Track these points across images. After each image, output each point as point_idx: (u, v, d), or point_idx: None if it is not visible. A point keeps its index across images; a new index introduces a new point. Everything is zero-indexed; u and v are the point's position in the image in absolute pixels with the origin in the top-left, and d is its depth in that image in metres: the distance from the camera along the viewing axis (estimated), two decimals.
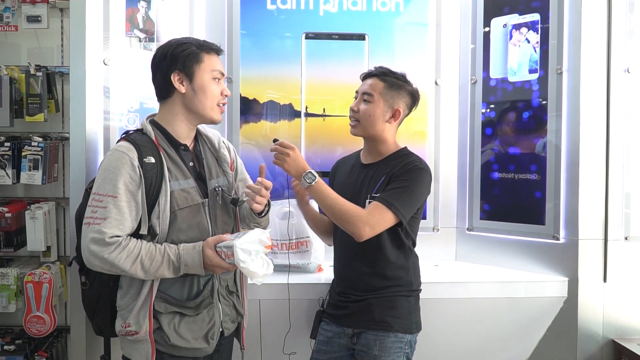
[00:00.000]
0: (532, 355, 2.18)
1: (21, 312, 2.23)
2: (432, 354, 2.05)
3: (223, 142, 1.70)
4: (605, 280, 2.14)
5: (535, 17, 2.23)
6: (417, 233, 1.80)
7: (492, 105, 2.37)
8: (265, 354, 2.06)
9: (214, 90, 1.55)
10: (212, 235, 1.52)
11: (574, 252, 2.12)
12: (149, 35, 2.15)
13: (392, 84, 1.75)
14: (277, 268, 1.76)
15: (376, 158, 1.80)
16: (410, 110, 1.81)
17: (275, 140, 1.67)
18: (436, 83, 2.46)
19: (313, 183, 1.63)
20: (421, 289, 1.82)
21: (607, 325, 2.16)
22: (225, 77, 1.85)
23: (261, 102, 2.41)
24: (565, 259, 2.14)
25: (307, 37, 2.41)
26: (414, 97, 1.79)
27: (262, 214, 1.65)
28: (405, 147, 1.81)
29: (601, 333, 2.16)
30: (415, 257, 1.82)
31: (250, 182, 1.74)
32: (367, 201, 1.71)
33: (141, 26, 2.13)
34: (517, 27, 2.29)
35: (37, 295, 2.17)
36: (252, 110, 2.41)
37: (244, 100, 2.40)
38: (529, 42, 2.25)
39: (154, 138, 1.51)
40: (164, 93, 1.55)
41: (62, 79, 2.40)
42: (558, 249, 2.16)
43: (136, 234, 1.46)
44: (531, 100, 2.25)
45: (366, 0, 2.42)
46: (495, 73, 2.36)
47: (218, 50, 1.58)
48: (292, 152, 1.64)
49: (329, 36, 2.41)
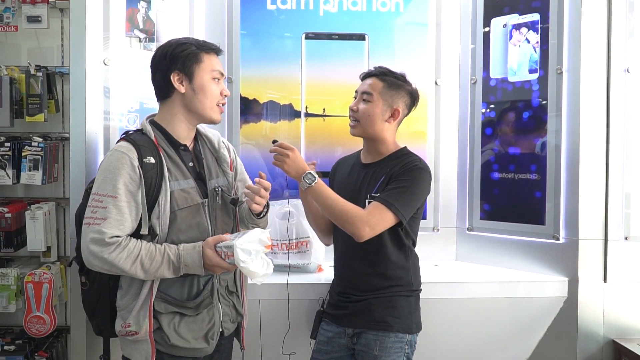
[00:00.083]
0: (532, 355, 2.18)
1: (21, 312, 2.23)
2: (432, 354, 2.05)
3: (223, 142, 1.70)
4: (605, 280, 2.14)
5: (535, 17, 2.23)
6: (417, 233, 1.80)
7: (492, 105, 2.37)
8: (265, 354, 2.06)
9: (213, 90, 1.55)
10: (212, 236, 1.52)
11: (574, 252, 2.12)
12: (149, 35, 2.15)
13: (391, 83, 1.75)
14: (277, 268, 1.76)
15: (376, 158, 1.80)
16: (409, 110, 1.81)
17: (274, 141, 1.67)
18: (436, 83, 2.46)
19: (313, 184, 1.64)
20: (421, 289, 1.82)
21: (607, 325, 2.16)
22: (225, 77, 1.85)
23: (261, 102, 2.41)
24: (565, 259, 2.14)
25: (307, 37, 2.40)
26: (413, 97, 1.79)
27: (261, 215, 1.65)
28: (405, 147, 1.81)
29: (601, 333, 2.16)
30: (416, 257, 1.82)
31: (249, 182, 1.74)
32: (367, 201, 1.71)
33: (141, 26, 2.13)
34: (517, 27, 2.29)
35: (37, 296, 2.17)
36: (252, 110, 2.41)
37: (244, 101, 2.40)
38: (529, 42, 2.25)
39: (153, 138, 1.52)
40: (164, 93, 1.55)
41: (62, 79, 2.40)
42: (558, 249, 2.16)
43: (136, 234, 1.46)
44: (531, 100, 2.25)
45: (366, 0, 2.42)
46: (495, 73, 2.35)
47: (217, 51, 1.59)
48: (291, 153, 1.64)
49: (329, 36, 2.41)
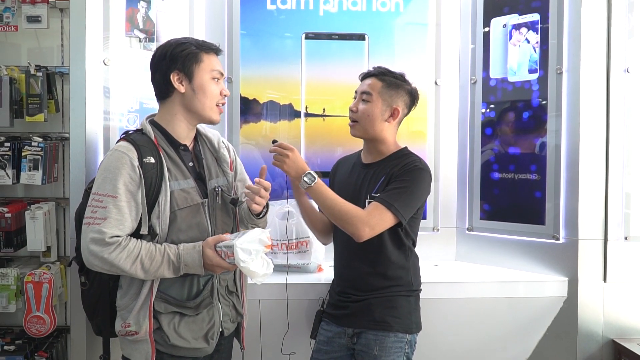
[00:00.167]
0: (532, 355, 2.18)
1: (21, 312, 2.23)
2: (432, 354, 2.05)
3: (222, 142, 1.70)
4: (605, 280, 2.14)
5: (535, 17, 2.23)
6: (417, 233, 1.80)
7: (492, 105, 2.37)
8: (265, 353, 2.06)
9: (213, 90, 1.55)
10: (212, 235, 1.52)
11: (574, 252, 2.12)
12: (149, 35, 2.15)
13: (390, 83, 1.75)
14: (277, 268, 1.76)
15: (376, 158, 1.80)
16: (409, 110, 1.81)
17: (274, 142, 1.67)
18: (436, 83, 2.46)
19: (312, 184, 1.63)
20: (421, 289, 1.82)
21: (607, 325, 2.16)
22: (225, 77, 1.85)
23: (261, 102, 2.41)
24: (565, 259, 2.14)
25: (307, 37, 2.41)
26: (412, 97, 1.79)
27: (261, 215, 1.65)
28: (406, 147, 1.81)
29: (601, 333, 2.16)
30: (416, 257, 1.82)
31: (249, 182, 1.74)
32: (367, 201, 1.71)
33: (141, 26, 2.13)
34: (517, 27, 2.29)
35: (37, 296, 2.17)
36: (252, 110, 2.41)
37: (244, 101, 2.40)
38: (528, 42, 2.25)
39: (153, 138, 1.52)
40: (164, 93, 1.55)
41: (62, 79, 2.40)
42: (558, 249, 2.16)
43: (136, 234, 1.46)
44: (531, 100, 2.25)
45: (366, 1, 2.42)
46: (495, 73, 2.36)
47: (217, 50, 1.59)
48: (291, 153, 1.64)
49: (329, 36, 2.41)
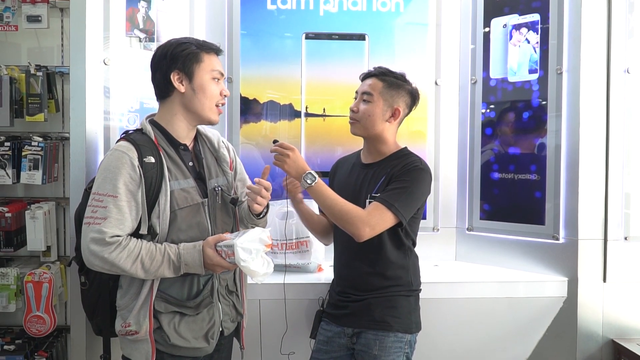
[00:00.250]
0: (531, 355, 2.18)
1: (21, 311, 2.23)
2: (432, 354, 2.05)
3: (222, 142, 1.70)
4: (604, 280, 2.14)
5: (535, 17, 2.23)
6: (417, 233, 1.80)
7: (492, 106, 2.37)
8: (265, 353, 2.06)
9: (213, 90, 1.55)
10: (212, 235, 1.51)
11: (574, 252, 2.12)
12: (149, 35, 2.15)
13: (391, 83, 1.75)
14: (278, 268, 1.76)
15: (376, 158, 1.80)
16: (410, 110, 1.81)
17: (275, 142, 1.67)
18: (436, 83, 2.46)
19: (313, 184, 1.64)
20: (421, 289, 1.82)
21: (606, 325, 2.16)
22: (225, 77, 1.85)
23: (261, 102, 2.41)
24: (565, 259, 2.14)
25: (307, 37, 2.41)
26: (413, 97, 1.79)
27: (261, 216, 1.65)
28: (406, 147, 1.81)
29: (601, 333, 2.16)
30: (415, 257, 1.82)
31: (249, 182, 1.74)
32: (367, 201, 1.71)
33: (141, 26, 2.13)
34: (517, 27, 2.29)
35: (37, 295, 2.17)
36: (252, 110, 2.41)
37: (244, 100, 2.40)
38: (529, 42, 2.25)
39: (153, 138, 1.52)
40: (164, 92, 1.55)
41: (62, 79, 2.40)
42: (558, 249, 2.16)
43: (136, 234, 1.46)
44: (531, 101, 2.25)
45: (366, 1, 2.42)
46: (495, 73, 2.36)
47: (218, 51, 1.59)
48: (292, 153, 1.65)
49: (329, 36, 2.41)
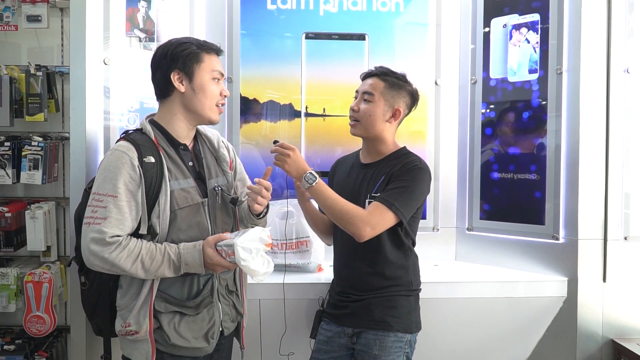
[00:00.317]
0: (531, 355, 2.18)
1: (21, 311, 2.23)
2: (432, 353, 2.05)
3: (222, 142, 1.70)
4: (604, 280, 2.14)
5: (535, 17, 2.23)
6: (417, 233, 1.80)
7: (492, 105, 2.37)
8: (265, 353, 2.06)
9: (213, 90, 1.55)
10: (212, 235, 1.51)
11: (574, 252, 2.12)
12: (149, 35, 2.15)
13: (392, 83, 1.75)
14: (278, 268, 1.76)
15: (376, 158, 1.80)
16: (410, 110, 1.82)
17: (275, 142, 1.67)
18: (436, 83, 2.46)
19: (314, 184, 1.64)
20: (421, 289, 1.82)
21: (606, 325, 2.16)
22: (225, 77, 1.85)
23: (261, 102, 2.41)
24: (565, 259, 2.14)
25: (307, 37, 2.41)
26: (413, 97, 1.80)
27: (261, 216, 1.65)
28: (405, 147, 1.82)
29: (600, 333, 2.16)
30: (415, 257, 1.82)
31: (249, 182, 1.74)
32: (367, 201, 1.71)
33: (141, 26, 2.13)
34: (517, 27, 2.29)
35: (37, 295, 2.17)
36: (252, 110, 2.41)
37: (244, 100, 2.40)
38: (528, 42, 2.25)
39: (153, 138, 1.52)
40: (164, 92, 1.55)
41: (62, 79, 2.40)
42: (558, 249, 2.16)
43: (136, 234, 1.46)
44: (531, 101, 2.25)
45: (366, 0, 2.42)
46: (495, 73, 2.36)
47: (218, 51, 1.59)
48: (292, 153, 1.65)
49: (329, 36, 2.41)
